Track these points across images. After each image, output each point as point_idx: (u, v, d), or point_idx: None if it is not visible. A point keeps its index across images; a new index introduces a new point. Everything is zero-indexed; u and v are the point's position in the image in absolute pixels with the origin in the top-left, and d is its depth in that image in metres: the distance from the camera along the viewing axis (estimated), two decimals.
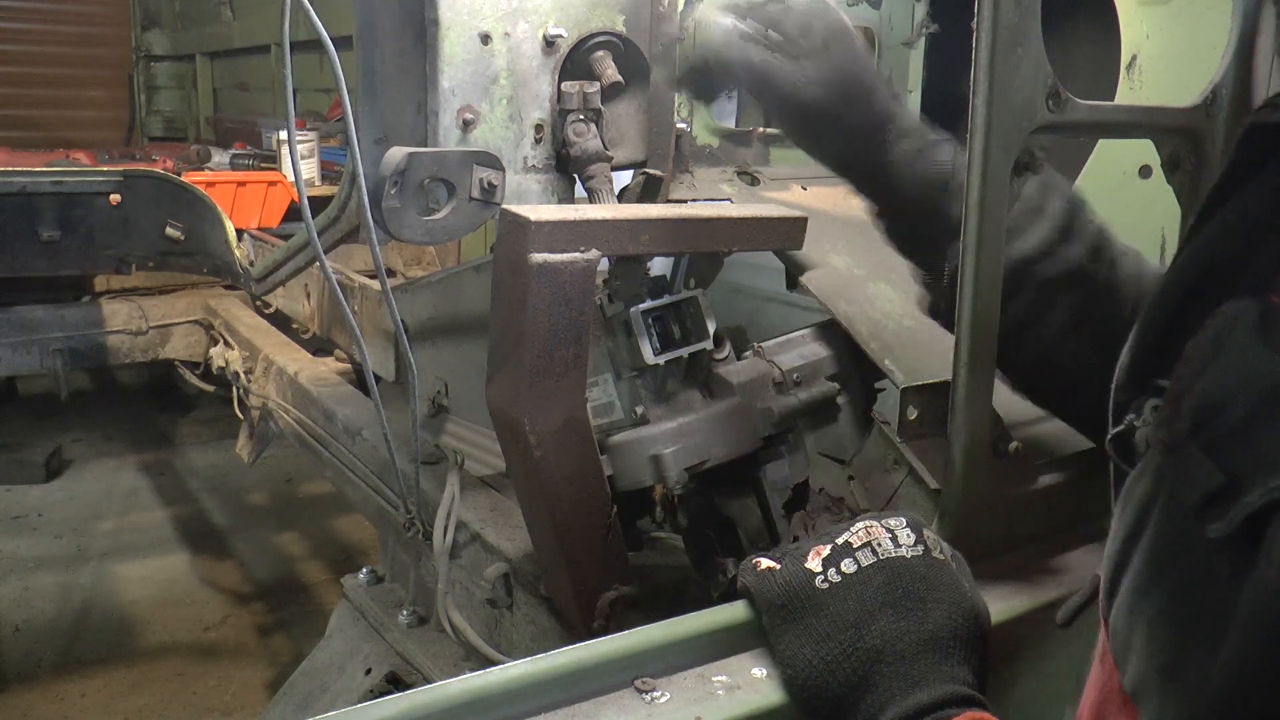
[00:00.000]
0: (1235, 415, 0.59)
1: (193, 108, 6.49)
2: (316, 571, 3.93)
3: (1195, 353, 0.65)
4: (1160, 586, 0.63)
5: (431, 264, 3.86)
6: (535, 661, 0.85)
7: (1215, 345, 0.63)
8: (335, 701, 1.65)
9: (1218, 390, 0.61)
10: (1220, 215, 0.73)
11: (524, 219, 1.07)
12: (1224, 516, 0.56)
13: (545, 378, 1.12)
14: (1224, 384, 0.61)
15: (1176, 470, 0.62)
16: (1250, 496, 0.55)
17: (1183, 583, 0.61)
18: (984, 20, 0.95)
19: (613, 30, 1.44)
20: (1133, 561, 0.66)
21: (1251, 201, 0.71)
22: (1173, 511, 0.63)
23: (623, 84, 1.44)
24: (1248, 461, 0.56)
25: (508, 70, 1.37)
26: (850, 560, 0.88)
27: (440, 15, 1.30)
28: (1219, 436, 0.59)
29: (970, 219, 0.98)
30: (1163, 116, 1.21)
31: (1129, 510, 0.68)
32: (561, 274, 1.09)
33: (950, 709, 0.81)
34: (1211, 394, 0.61)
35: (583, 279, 1.11)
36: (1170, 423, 0.64)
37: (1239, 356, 0.61)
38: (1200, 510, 0.58)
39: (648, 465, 1.20)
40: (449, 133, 1.34)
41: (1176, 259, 0.77)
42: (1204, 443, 0.60)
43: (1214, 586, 0.57)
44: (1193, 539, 0.59)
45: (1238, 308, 0.64)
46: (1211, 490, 0.57)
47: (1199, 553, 0.59)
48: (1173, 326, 0.74)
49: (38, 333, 3.39)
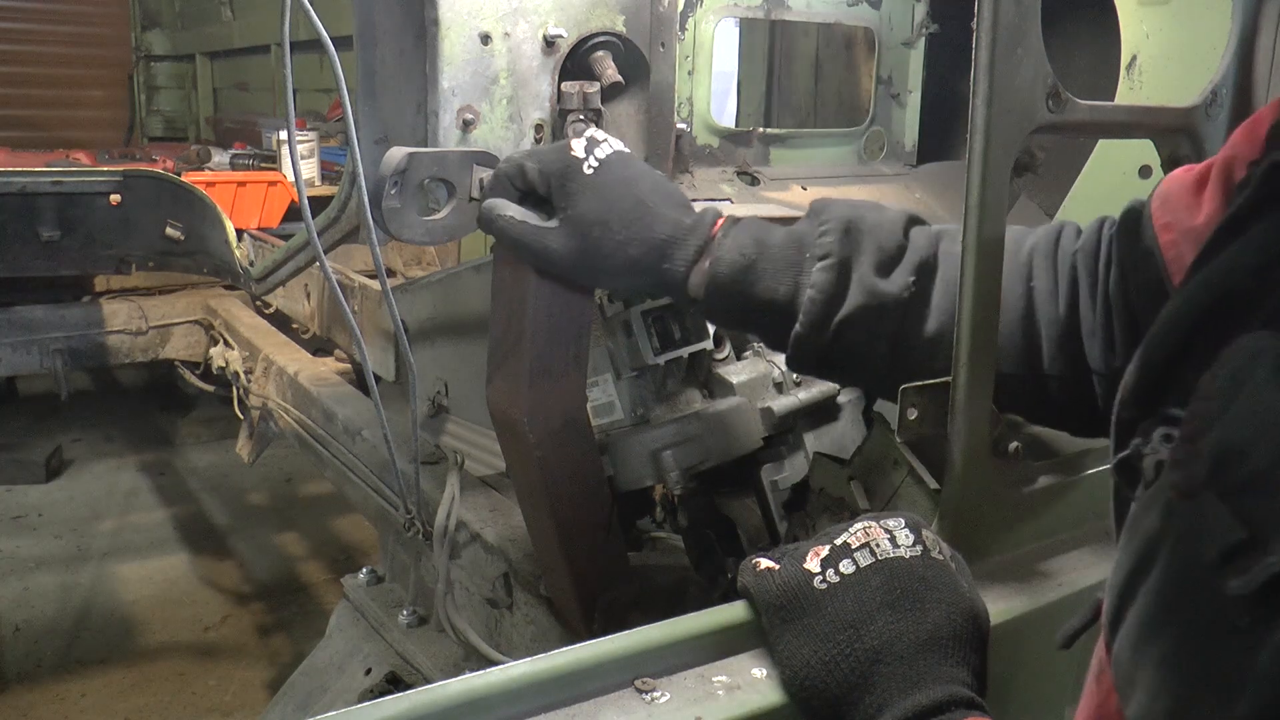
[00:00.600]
0: (1257, 465, 0.57)
1: (193, 108, 6.49)
2: (316, 571, 3.93)
3: (1212, 390, 0.63)
4: (1170, 628, 0.61)
5: (431, 264, 3.86)
6: (535, 662, 0.85)
7: (1234, 385, 0.61)
8: (335, 701, 1.65)
9: (1238, 437, 0.59)
10: (1237, 246, 0.72)
11: None
12: (1245, 573, 0.54)
13: (545, 378, 1.12)
14: (1245, 430, 0.58)
15: (1191, 517, 0.60)
16: (1275, 557, 0.53)
17: (1195, 629, 0.59)
18: (984, 20, 0.94)
19: (613, 30, 1.44)
20: (1139, 597, 0.64)
21: (1272, 236, 0.70)
22: (1184, 555, 0.61)
23: (623, 84, 1.44)
24: (1271, 517, 0.55)
25: (508, 70, 1.37)
26: (848, 561, 0.88)
27: (440, 15, 1.30)
28: (1239, 486, 0.57)
29: (970, 219, 0.98)
30: (1163, 116, 1.21)
31: (1135, 542, 0.66)
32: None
33: (949, 711, 0.81)
34: (1231, 440, 0.59)
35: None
36: (1185, 466, 0.62)
37: (1261, 401, 0.59)
38: (1218, 564, 0.56)
39: (648, 465, 1.20)
40: (449, 133, 1.34)
41: (1187, 285, 0.77)
42: (1222, 490, 0.58)
43: (1230, 636, 0.55)
44: (1206, 587, 0.57)
45: (1257, 345, 0.62)
46: (1231, 545, 0.56)
47: (1213, 601, 0.57)
48: (1181, 353, 0.73)
49: (38, 333, 3.39)
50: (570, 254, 1.08)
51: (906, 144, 2.26)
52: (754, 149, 2.02)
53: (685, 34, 1.83)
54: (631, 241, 1.07)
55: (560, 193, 1.08)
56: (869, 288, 1.06)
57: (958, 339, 1.01)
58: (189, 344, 3.61)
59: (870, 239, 1.08)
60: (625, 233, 1.07)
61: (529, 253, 1.09)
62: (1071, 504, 1.17)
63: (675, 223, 1.09)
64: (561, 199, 1.08)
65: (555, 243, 1.08)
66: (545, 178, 1.10)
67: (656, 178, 1.12)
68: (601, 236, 1.07)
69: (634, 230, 1.07)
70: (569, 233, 1.07)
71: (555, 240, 1.08)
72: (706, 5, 1.86)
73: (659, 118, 1.55)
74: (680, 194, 1.14)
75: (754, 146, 2.02)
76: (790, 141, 2.10)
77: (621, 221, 1.07)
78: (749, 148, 2.01)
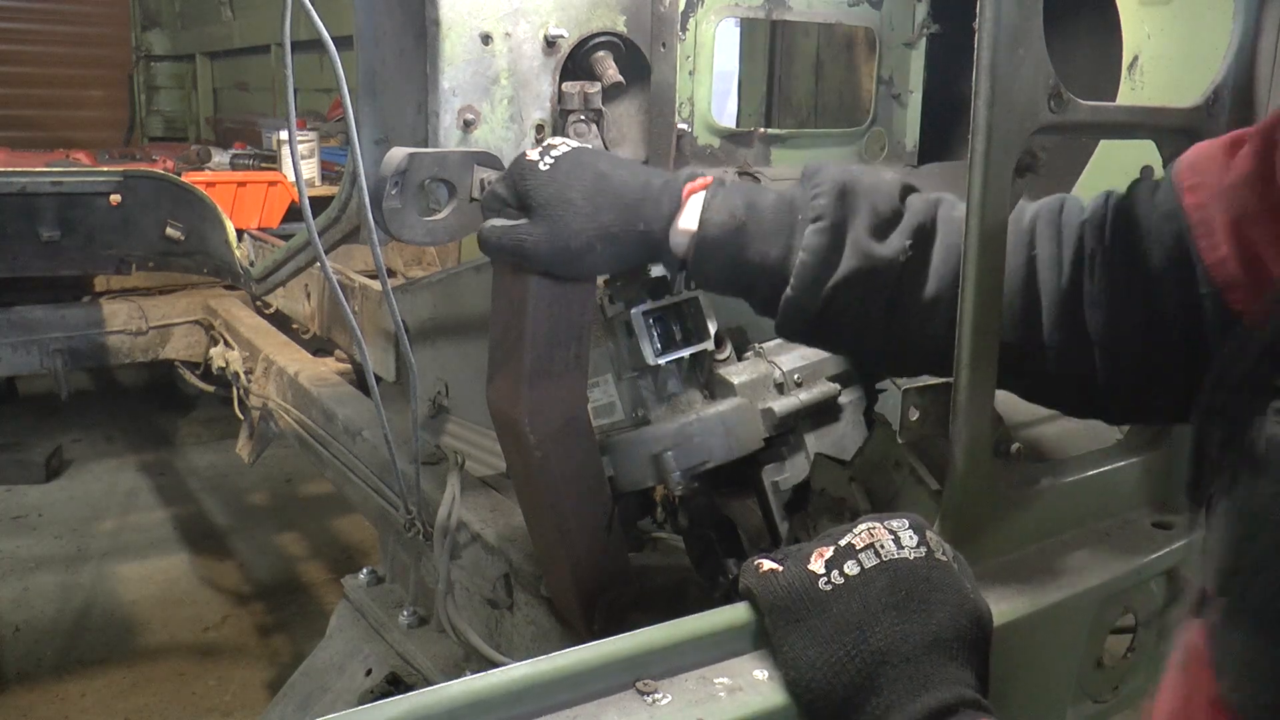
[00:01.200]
0: None
1: (193, 108, 6.49)
2: (316, 571, 3.93)
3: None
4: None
5: (431, 264, 3.86)
6: (536, 663, 0.84)
7: None
8: (335, 702, 1.65)
9: None
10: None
11: None
12: None
13: (545, 378, 1.12)
14: None
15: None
16: None
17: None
18: (985, 20, 0.94)
19: (613, 30, 1.44)
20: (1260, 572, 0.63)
21: None
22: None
23: (624, 84, 1.44)
24: None
25: (508, 70, 1.37)
26: (853, 562, 0.88)
27: (441, 15, 1.30)
28: None
29: (971, 219, 0.98)
30: (1164, 117, 1.21)
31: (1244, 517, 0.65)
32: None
33: (957, 713, 0.81)
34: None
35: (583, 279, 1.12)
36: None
37: None
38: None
39: (649, 466, 1.20)
40: (449, 133, 1.34)
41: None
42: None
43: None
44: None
45: None
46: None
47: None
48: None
49: (38, 333, 3.39)
50: (545, 240, 1.08)
51: (907, 144, 2.26)
52: (755, 149, 2.02)
53: (686, 34, 1.83)
54: (600, 210, 1.07)
55: (524, 194, 1.09)
56: (864, 250, 1.04)
57: (959, 340, 1.00)
58: (189, 344, 3.61)
59: (865, 202, 1.06)
60: (590, 204, 1.07)
61: (509, 253, 1.09)
62: (1072, 504, 1.17)
63: (643, 184, 1.10)
64: (525, 198, 1.09)
65: (528, 234, 1.08)
66: (510, 187, 1.11)
67: (615, 157, 1.13)
68: (567, 214, 1.07)
69: (600, 200, 1.08)
70: (538, 222, 1.08)
71: (528, 232, 1.08)
72: (707, 5, 1.86)
73: (660, 118, 1.54)
74: (645, 167, 1.14)
75: (755, 147, 2.02)
76: (791, 142, 2.10)
77: (584, 194, 1.07)
78: (750, 148, 2.01)
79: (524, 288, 1.10)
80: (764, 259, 1.07)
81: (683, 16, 1.82)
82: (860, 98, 2.39)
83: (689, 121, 1.87)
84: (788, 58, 2.76)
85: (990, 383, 1.03)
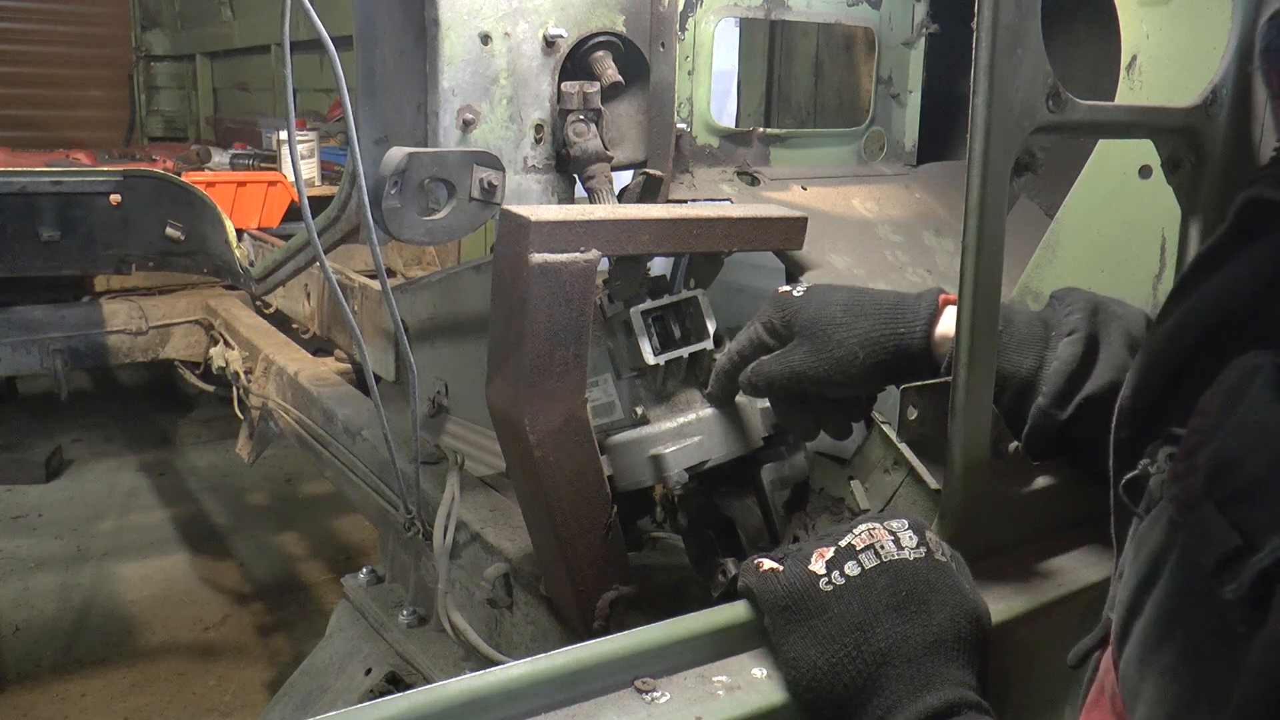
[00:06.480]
0: (1252, 473, 0.58)
1: (193, 108, 6.49)
2: (316, 571, 3.93)
3: (1211, 406, 0.64)
4: (1173, 639, 0.62)
5: (431, 264, 3.86)
6: (535, 662, 0.85)
7: (1231, 400, 0.63)
8: (335, 701, 1.65)
9: (1234, 447, 0.60)
10: (1228, 271, 0.75)
11: (524, 219, 1.08)
12: (1238, 577, 0.56)
13: (545, 378, 1.12)
14: (1241, 441, 0.60)
15: (1191, 529, 0.61)
16: (1261, 555, 0.55)
17: (1196, 638, 0.60)
18: (984, 20, 0.94)
19: (613, 30, 1.44)
20: (1145, 611, 0.65)
21: (1259, 262, 0.73)
22: (1187, 567, 0.62)
23: (623, 84, 1.45)
24: (1264, 521, 0.56)
25: (508, 70, 1.37)
26: (854, 563, 0.88)
27: (440, 15, 1.30)
28: (1235, 494, 0.59)
29: (970, 219, 0.98)
30: (1163, 117, 1.21)
31: (1141, 558, 0.67)
32: (561, 274, 1.09)
33: (958, 714, 0.81)
34: (1228, 451, 0.61)
35: (583, 279, 1.11)
36: (1185, 478, 0.63)
37: (1256, 413, 0.61)
38: (1216, 571, 0.58)
39: (648, 465, 1.20)
40: (449, 133, 1.34)
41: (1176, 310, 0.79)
42: (1219, 500, 0.59)
43: (1228, 644, 0.57)
44: (1207, 596, 0.58)
45: (1253, 362, 0.64)
46: (1227, 552, 0.57)
47: (1213, 610, 0.58)
48: (1180, 374, 0.75)
49: (38, 333, 3.40)
50: (812, 356, 1.12)
51: (906, 144, 2.26)
52: (754, 149, 2.02)
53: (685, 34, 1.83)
54: (858, 318, 1.11)
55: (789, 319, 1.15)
56: (1120, 364, 1.05)
57: (958, 339, 1.01)
58: (189, 344, 3.61)
59: (1118, 322, 1.09)
60: (849, 314, 1.12)
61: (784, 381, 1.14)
62: (1071, 504, 1.17)
63: (898, 295, 1.14)
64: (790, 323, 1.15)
65: (797, 355, 1.13)
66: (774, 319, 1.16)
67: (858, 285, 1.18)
68: (829, 327, 1.11)
69: (857, 309, 1.12)
70: (803, 341, 1.13)
71: (797, 353, 1.13)
72: (706, 5, 1.86)
73: (659, 118, 1.55)
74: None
75: (754, 146, 2.02)
76: (790, 141, 2.10)
77: (843, 307, 1.12)
78: (749, 148, 2.01)
79: (524, 288, 1.10)
80: (1016, 369, 1.09)
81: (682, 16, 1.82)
82: (859, 97, 2.39)
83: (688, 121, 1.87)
84: (787, 57, 2.75)
85: (989, 382, 1.03)
